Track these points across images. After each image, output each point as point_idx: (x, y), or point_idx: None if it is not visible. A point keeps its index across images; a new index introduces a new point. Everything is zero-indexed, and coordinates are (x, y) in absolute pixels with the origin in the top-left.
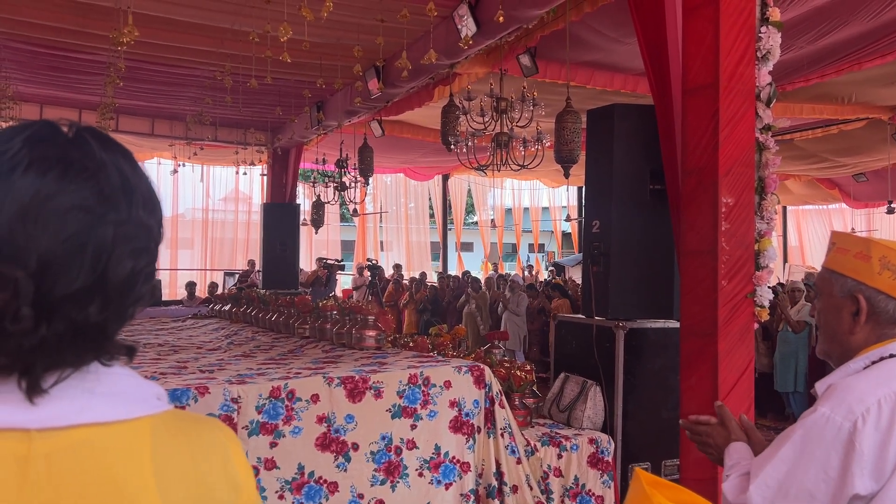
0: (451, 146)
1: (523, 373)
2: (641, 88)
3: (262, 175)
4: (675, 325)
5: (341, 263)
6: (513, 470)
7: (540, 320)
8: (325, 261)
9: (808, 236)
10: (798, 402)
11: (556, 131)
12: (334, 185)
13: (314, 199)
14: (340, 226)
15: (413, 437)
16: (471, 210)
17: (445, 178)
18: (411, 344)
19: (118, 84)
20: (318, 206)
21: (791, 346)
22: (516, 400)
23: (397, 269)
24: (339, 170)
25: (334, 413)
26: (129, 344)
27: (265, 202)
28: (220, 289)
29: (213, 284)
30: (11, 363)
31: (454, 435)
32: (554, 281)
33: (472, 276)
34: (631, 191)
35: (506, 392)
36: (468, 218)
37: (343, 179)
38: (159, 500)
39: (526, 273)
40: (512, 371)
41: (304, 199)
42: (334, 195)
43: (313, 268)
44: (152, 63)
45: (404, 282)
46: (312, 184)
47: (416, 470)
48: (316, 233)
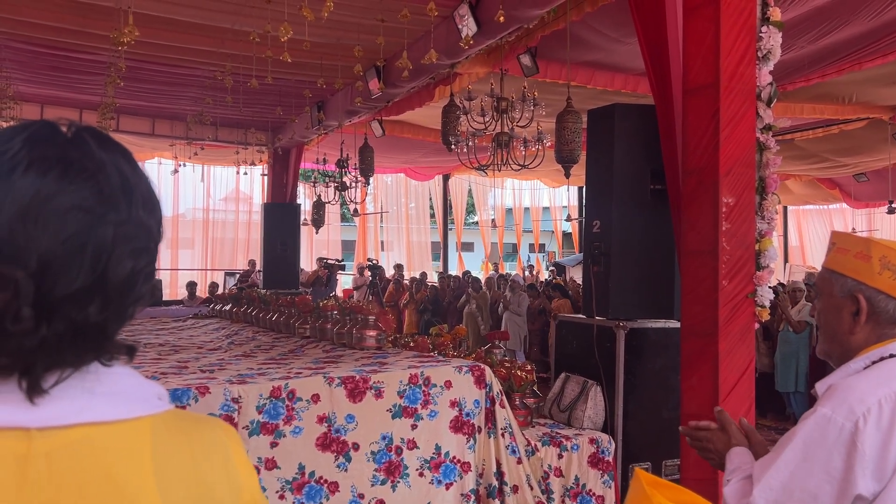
0: (452, 146)
1: (524, 373)
2: (642, 88)
3: (263, 175)
4: (675, 324)
5: (342, 263)
6: (513, 470)
7: (541, 320)
8: (325, 261)
9: (809, 236)
10: (799, 402)
11: (557, 131)
12: (335, 184)
13: (315, 198)
14: (341, 226)
15: (413, 437)
16: (471, 210)
17: (446, 178)
18: (412, 344)
19: (119, 84)
20: (319, 206)
21: (792, 346)
22: (517, 400)
23: (398, 269)
24: (340, 170)
25: (335, 413)
26: (130, 344)
27: (266, 202)
28: (221, 289)
29: (214, 284)
30: (12, 363)
31: (455, 435)
32: (554, 281)
33: (472, 276)
34: (631, 191)
35: (506, 392)
36: (469, 218)
37: (344, 179)
38: (159, 500)
39: (527, 273)
40: (512, 371)
41: (304, 198)
42: (335, 195)
43: (314, 268)
44: (153, 63)
45: (405, 282)
46: (313, 184)
47: (417, 470)
48: (316, 233)
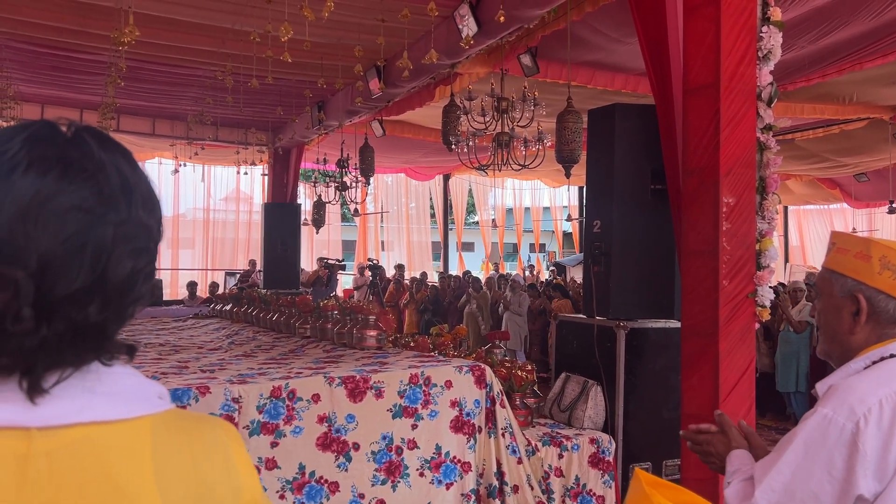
0: (452, 146)
1: (524, 373)
2: (642, 88)
3: (263, 175)
4: (676, 324)
5: (342, 263)
6: (514, 470)
7: (541, 321)
8: (326, 260)
9: (810, 236)
10: (799, 403)
11: (557, 131)
12: (335, 184)
13: (315, 198)
14: (341, 225)
15: (414, 437)
16: (472, 210)
17: (446, 178)
18: (412, 344)
19: (119, 84)
20: (319, 206)
21: (792, 346)
22: (517, 400)
23: (399, 269)
24: (340, 169)
25: (335, 413)
26: (130, 343)
27: (266, 202)
28: (221, 289)
29: (214, 284)
30: (12, 363)
31: (455, 435)
32: (555, 281)
33: (472, 275)
34: (632, 191)
35: (507, 392)
36: (469, 218)
37: (344, 179)
38: (159, 499)
39: (527, 273)
40: (513, 371)
41: (304, 198)
42: (335, 195)
43: (314, 268)
44: (153, 63)
45: (405, 282)
46: (313, 184)
47: (417, 470)
48: (317, 233)
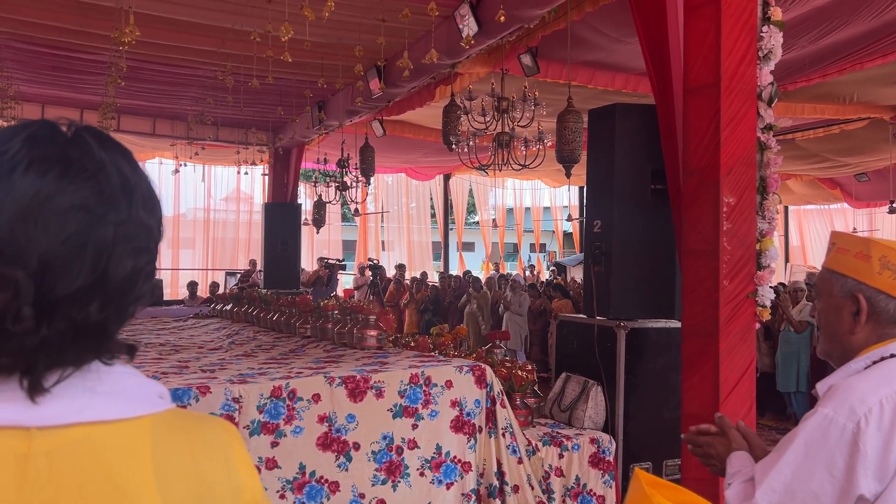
0: (453, 146)
1: (524, 372)
2: (643, 88)
3: (264, 175)
4: (676, 324)
5: (342, 263)
6: (514, 470)
7: (541, 321)
8: (326, 260)
9: (810, 236)
10: (800, 403)
11: (558, 131)
12: (336, 184)
13: (315, 198)
14: (342, 225)
15: (414, 437)
16: (472, 210)
17: (447, 178)
18: (412, 344)
19: (120, 84)
20: (320, 206)
21: (793, 346)
22: (517, 400)
23: (401, 269)
24: (341, 169)
25: (335, 413)
26: (130, 343)
27: (266, 202)
28: (222, 288)
29: (215, 284)
30: (13, 362)
31: (455, 435)
32: (555, 281)
33: (473, 275)
34: (632, 190)
35: (507, 392)
36: (469, 218)
37: (344, 179)
38: (159, 499)
39: (527, 273)
40: (513, 371)
41: (305, 198)
42: (336, 195)
43: (314, 267)
44: (154, 63)
45: (405, 281)
46: (314, 183)
47: (418, 469)
48: (317, 232)
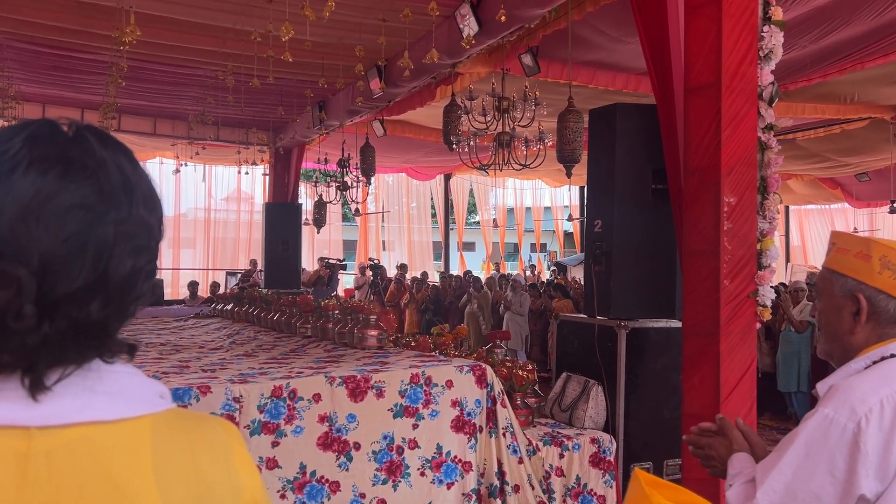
0: (453, 146)
1: (525, 372)
2: (643, 88)
3: (264, 175)
4: (677, 324)
5: (343, 263)
6: (514, 469)
7: (542, 321)
8: (326, 260)
9: (811, 236)
10: (801, 402)
11: (558, 131)
12: (336, 184)
13: (316, 198)
14: (342, 225)
15: (415, 437)
16: (473, 209)
17: (447, 178)
18: (413, 343)
19: (120, 84)
20: (320, 206)
21: (794, 346)
22: (518, 399)
23: (402, 268)
24: (341, 169)
25: (336, 412)
26: (131, 342)
27: (267, 202)
28: (223, 288)
29: (216, 284)
30: (15, 360)
31: (456, 434)
32: (556, 281)
33: (473, 275)
34: (633, 190)
35: (507, 391)
36: (470, 217)
37: (345, 179)
38: (159, 499)
39: (528, 273)
40: (514, 370)
41: (306, 198)
42: (336, 195)
43: (315, 267)
44: (154, 63)
45: (406, 281)
46: (314, 183)
47: (418, 469)
48: (318, 232)
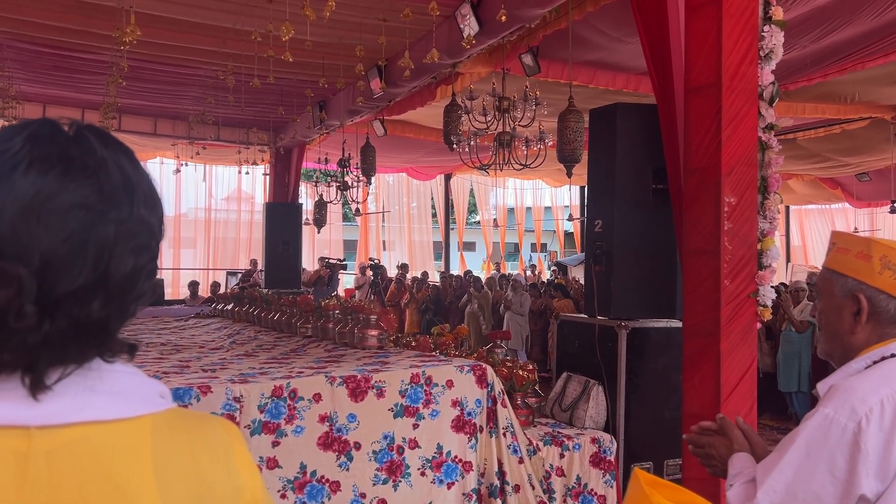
0: (454, 146)
1: (525, 372)
2: (644, 88)
3: (265, 174)
4: (677, 324)
5: (343, 263)
6: (515, 469)
7: (542, 321)
8: (327, 260)
9: (811, 236)
10: (801, 402)
11: (559, 131)
12: (337, 184)
13: (316, 198)
14: (343, 225)
15: (415, 437)
16: (473, 209)
17: (448, 178)
18: (413, 343)
19: (121, 83)
20: (321, 206)
21: (794, 346)
22: (518, 399)
23: (403, 268)
24: (342, 169)
25: (336, 412)
26: (132, 342)
27: (267, 202)
28: (223, 288)
29: (216, 284)
30: (15, 359)
31: (456, 434)
32: (556, 281)
33: (474, 275)
34: (633, 190)
35: (508, 391)
36: (470, 217)
37: (345, 179)
38: (159, 499)
39: (528, 273)
40: (514, 370)
41: (306, 198)
42: (337, 194)
43: (315, 267)
44: (155, 62)
45: (406, 281)
46: (315, 183)
47: (419, 469)
48: (318, 232)
